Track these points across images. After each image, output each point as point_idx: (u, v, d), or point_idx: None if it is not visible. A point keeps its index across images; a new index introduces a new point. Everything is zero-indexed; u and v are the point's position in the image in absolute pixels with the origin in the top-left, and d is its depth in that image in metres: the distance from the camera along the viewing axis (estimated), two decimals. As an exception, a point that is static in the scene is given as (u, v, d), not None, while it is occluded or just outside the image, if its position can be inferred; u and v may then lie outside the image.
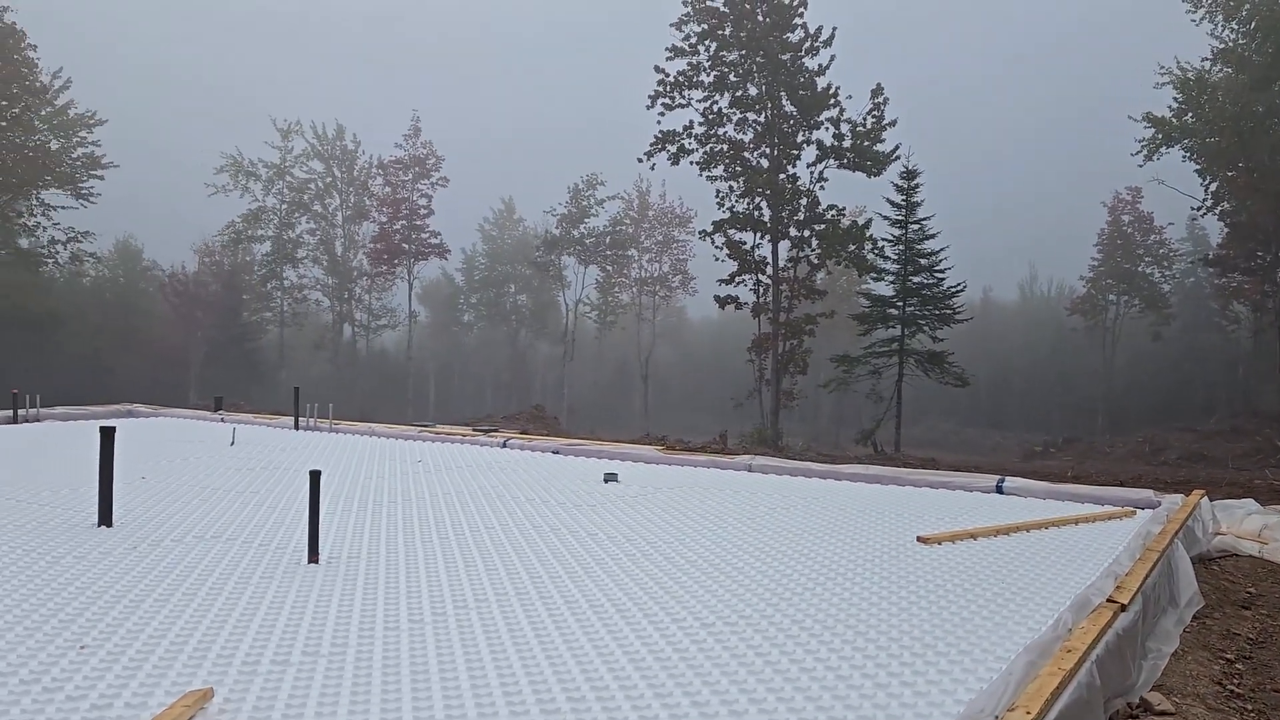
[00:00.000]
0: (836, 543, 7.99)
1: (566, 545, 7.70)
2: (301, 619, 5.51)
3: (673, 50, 35.28)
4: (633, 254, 66.27)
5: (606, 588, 6.36)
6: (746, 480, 11.71)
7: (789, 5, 34.43)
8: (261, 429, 17.00)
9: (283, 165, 60.69)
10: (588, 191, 60.87)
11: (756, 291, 35.19)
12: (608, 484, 10.99)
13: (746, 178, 34.79)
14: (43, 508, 8.72)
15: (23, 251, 47.47)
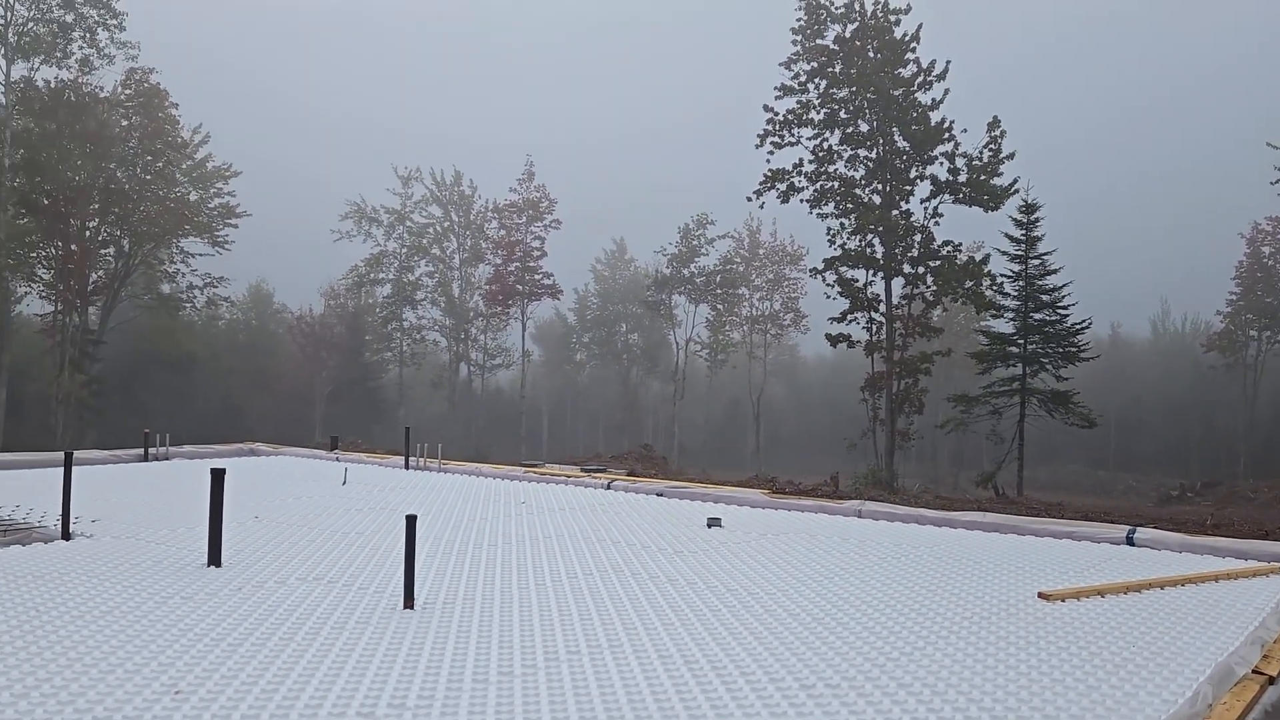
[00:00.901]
0: (949, 596, 7.55)
1: (664, 594, 7.49)
2: (391, 668, 5.45)
3: (782, 89, 35.11)
4: (743, 292, 65.95)
5: (702, 641, 6.12)
6: (855, 526, 11.28)
7: (901, 40, 33.89)
8: (373, 468, 17.34)
9: (403, 211, 62.78)
10: (698, 231, 60.96)
11: (869, 329, 34.41)
12: (711, 529, 10.73)
13: (858, 214, 34.19)
14: (160, 546, 8.99)
15: (164, 297, 50.19)
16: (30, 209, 42.98)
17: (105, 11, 42.59)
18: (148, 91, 44.98)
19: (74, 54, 42.69)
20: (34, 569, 7.88)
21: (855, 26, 34.30)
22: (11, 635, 5.91)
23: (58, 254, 44.35)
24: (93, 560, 8.26)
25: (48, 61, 42.43)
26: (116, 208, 45.28)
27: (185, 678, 5.20)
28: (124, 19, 43.18)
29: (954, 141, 33.06)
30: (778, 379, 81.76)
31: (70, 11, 42.04)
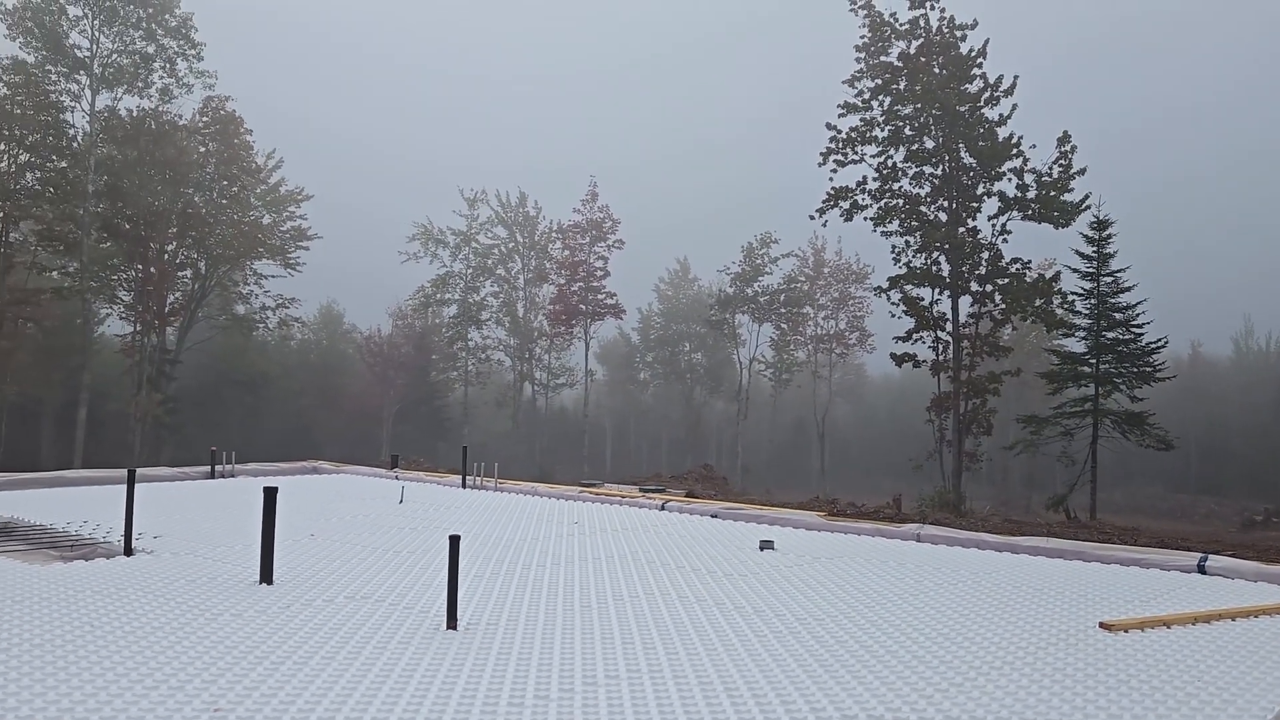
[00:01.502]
0: (1006, 625, 7.30)
1: (710, 618, 7.37)
2: (428, 689, 5.43)
3: (845, 106, 34.84)
4: (808, 311, 65.47)
5: (745, 668, 6.00)
6: (913, 551, 11.01)
7: (967, 56, 33.42)
8: (431, 487, 17.49)
9: (469, 232, 63.72)
10: (761, 250, 60.74)
11: (935, 349, 33.83)
12: (763, 552, 10.57)
13: (924, 232, 33.70)
14: (216, 563, 9.15)
15: (238, 318, 51.60)
16: (112, 233, 44.56)
17: (184, 42, 44.12)
18: (224, 119, 46.44)
19: (155, 84, 44.33)
20: (95, 583, 8.07)
21: (920, 43, 33.93)
22: (67, 648, 6.04)
23: (138, 276, 45.86)
24: (151, 576, 8.43)
25: (130, 91, 44.08)
26: (194, 231, 46.71)
27: (226, 695, 5.24)
28: (201, 49, 44.67)
29: (1023, 157, 32.45)
30: (843, 399, 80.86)
31: (151, 43, 43.62)
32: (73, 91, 43.01)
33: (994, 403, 32.88)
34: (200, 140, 46.78)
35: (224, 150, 46.93)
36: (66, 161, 42.72)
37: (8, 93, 40.36)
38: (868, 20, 34.43)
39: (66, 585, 7.98)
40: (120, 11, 42.80)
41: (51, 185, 42.53)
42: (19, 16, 41.28)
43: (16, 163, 41.79)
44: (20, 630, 6.48)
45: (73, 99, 43.04)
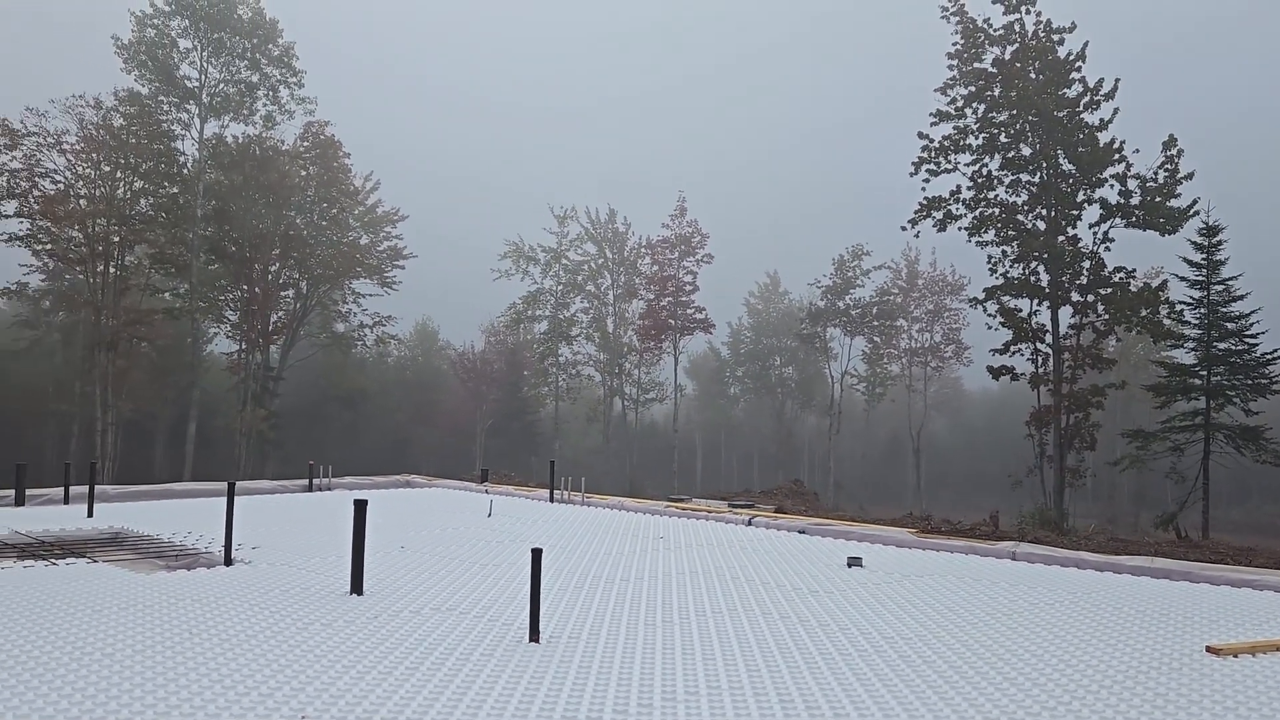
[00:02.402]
0: (1104, 648, 6.99)
1: (794, 635, 7.25)
2: (509, 701, 5.45)
3: (937, 115, 34.20)
4: (901, 324, 64.38)
5: (828, 687, 5.87)
6: (1008, 570, 10.66)
7: (1065, 60, 32.48)
8: (519, 501, 17.67)
9: (559, 249, 64.48)
10: (853, 262, 60.03)
11: (1035, 361, 32.84)
12: (851, 569, 10.37)
13: (1021, 242, 32.79)
14: (310, 574, 9.39)
15: (337, 335, 53.19)
16: (219, 255, 46.45)
17: (286, 70, 45.82)
18: (323, 143, 48.03)
19: (259, 111, 46.11)
20: (195, 592, 8.36)
21: (1015, 48, 33.13)
22: (165, 655, 6.26)
23: (243, 296, 47.68)
24: (247, 586, 8.70)
25: (236, 119, 45.98)
26: (295, 252, 48.38)
27: (313, 703, 5.35)
28: (302, 77, 46.33)
29: (1125, 162, 31.35)
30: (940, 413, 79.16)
31: (256, 72, 45.43)
32: (183, 120, 45.08)
33: (1098, 417, 31.75)
34: (301, 164, 48.47)
35: (324, 173, 48.55)
36: (177, 187, 44.73)
37: (124, 123, 42.46)
38: (960, 27, 33.79)
39: (169, 594, 8.28)
40: (227, 43, 44.72)
41: (163, 210, 44.59)
42: (134, 50, 43.45)
43: (131, 189, 43.95)
44: (125, 636, 6.75)
45: (183, 128, 45.12)
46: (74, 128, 42.24)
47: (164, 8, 44.05)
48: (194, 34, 44.51)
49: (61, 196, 42.25)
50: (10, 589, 8.29)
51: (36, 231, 42.63)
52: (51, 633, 6.78)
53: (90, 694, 5.38)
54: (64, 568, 9.49)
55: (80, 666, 5.94)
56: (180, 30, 44.40)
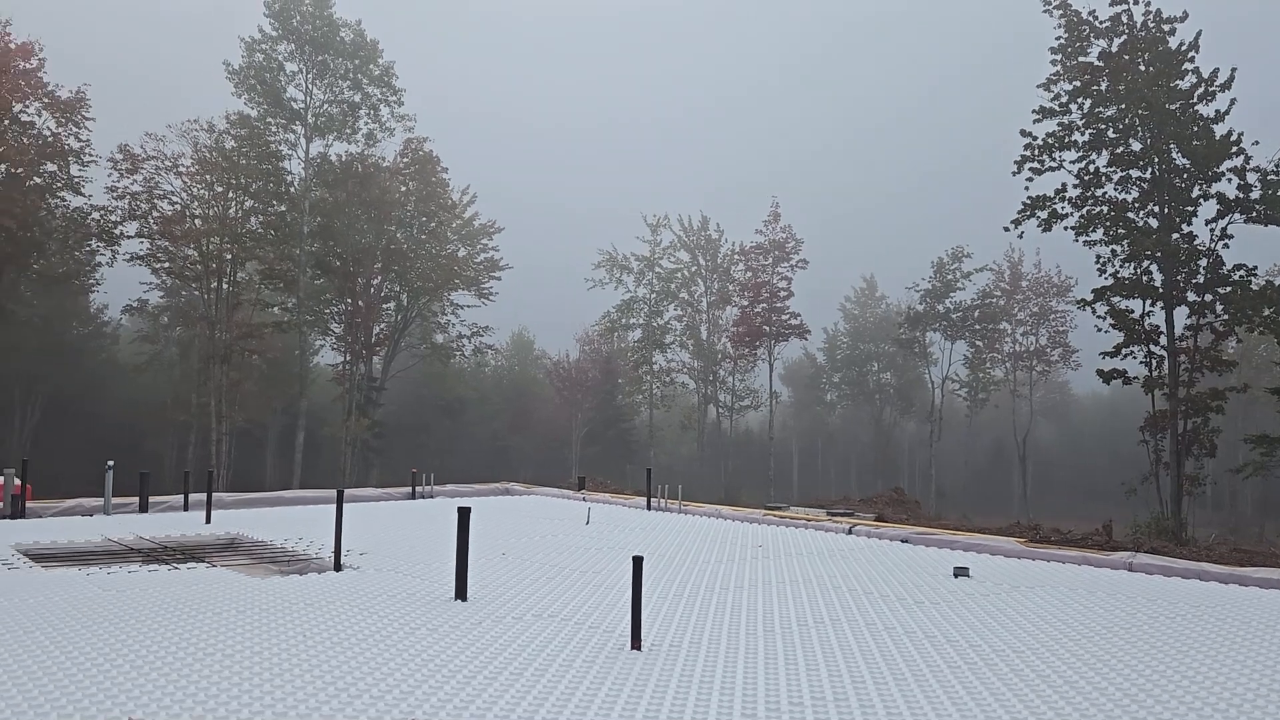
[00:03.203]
0: (1228, 664, 6.65)
1: (900, 648, 7.09)
2: (612, 709, 5.46)
3: (1041, 111, 33.19)
4: (1005, 327, 62.64)
5: (937, 700, 5.72)
6: (1124, 581, 10.24)
7: (1177, 51, 31.17)
8: (616, 508, 17.75)
9: (652, 257, 64.69)
10: (953, 264, 58.74)
11: (1148, 364, 31.53)
12: (957, 579, 10.10)
13: (1131, 240, 31.55)
14: (415, 579, 9.59)
15: (437, 346, 54.42)
16: (325, 270, 47.99)
17: (386, 89, 47.14)
18: (422, 159, 49.25)
19: (360, 129, 47.53)
20: (307, 597, 8.62)
21: (1123, 40, 31.94)
22: (280, 657, 6.46)
23: (347, 310, 49.16)
24: (356, 591, 8.92)
25: (339, 138, 47.48)
26: (396, 266, 49.69)
27: (421, 706, 5.45)
28: (402, 95, 47.59)
29: (1244, 155, 29.90)
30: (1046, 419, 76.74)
31: (358, 92, 46.86)
32: (289, 141, 46.76)
33: (1218, 421, 30.28)
34: (401, 180, 49.78)
35: (423, 188, 49.79)
36: (285, 206, 46.40)
37: (235, 145, 44.27)
38: (1064, 20, 32.75)
39: (283, 598, 8.55)
40: (330, 65, 46.24)
41: (272, 228, 46.31)
42: (244, 75, 45.27)
43: (242, 208, 45.78)
44: (243, 638, 7.00)
45: (289, 148, 46.81)
46: (189, 150, 44.26)
47: (271, 33, 45.82)
48: (299, 57, 46.15)
49: (178, 217, 44.25)
50: (136, 592, 8.68)
51: (156, 251, 44.74)
52: (177, 635, 7.07)
53: (213, 694, 5.59)
54: (185, 572, 9.90)
55: (203, 667, 6.17)
56: (286, 54, 46.10)
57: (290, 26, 45.72)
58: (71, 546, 11.79)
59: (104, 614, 7.70)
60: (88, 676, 5.89)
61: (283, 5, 45.41)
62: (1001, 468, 70.82)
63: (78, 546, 11.82)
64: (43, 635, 6.94)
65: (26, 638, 6.86)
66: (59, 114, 40.90)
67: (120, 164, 43.05)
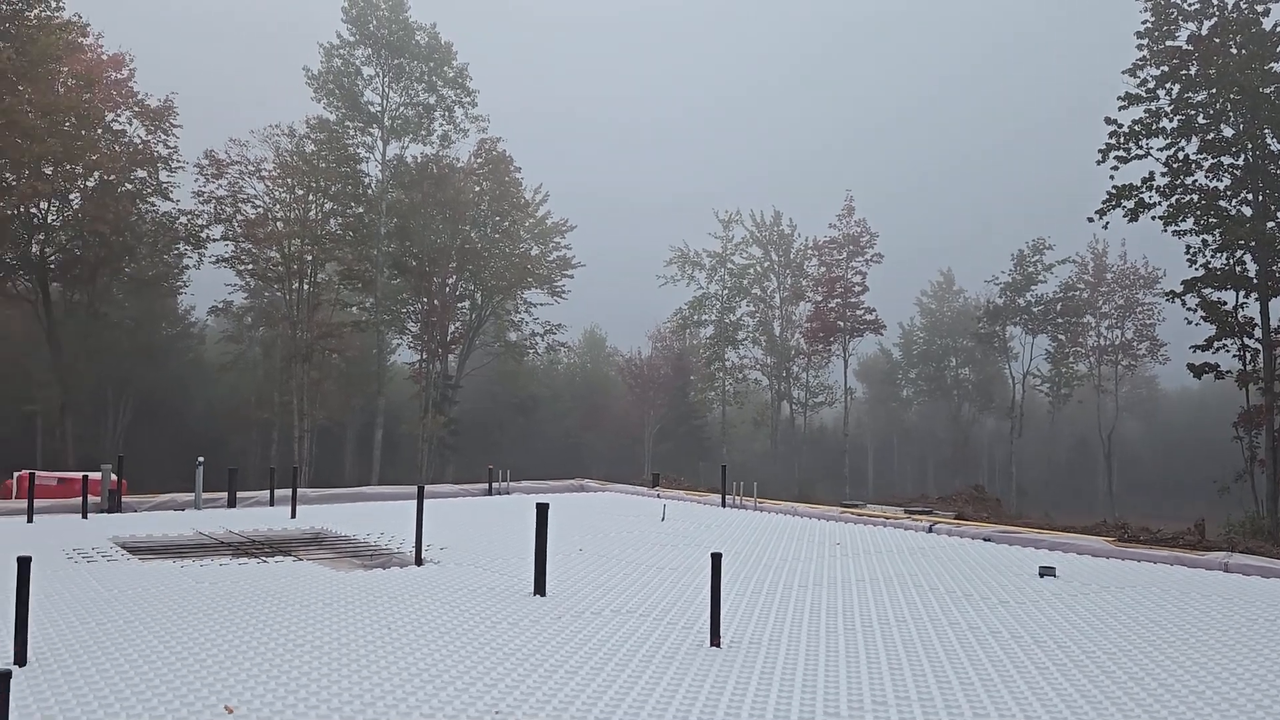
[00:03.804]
0: (1341, 671, 6.36)
1: (985, 648, 6.95)
2: (693, 704, 5.45)
3: (1126, 98, 32.28)
4: (1088, 320, 60.98)
5: (1025, 702, 5.59)
6: (1220, 582, 9.87)
7: (1272, 32, 29.99)
8: (690, 505, 17.72)
9: (724, 253, 64.45)
10: (1034, 257, 57.36)
11: (1242, 358, 30.46)
12: (1043, 579, 9.86)
13: (1224, 229, 30.49)
14: (494, 574, 9.70)
15: (510, 344, 55.02)
16: (401, 270, 48.89)
17: (460, 91, 47.79)
18: (495, 159, 49.83)
19: (435, 131, 48.27)
20: (391, 590, 8.78)
21: (1213, 22, 30.88)
22: (367, 648, 6.60)
23: (423, 309, 50.01)
24: (437, 585, 9.07)
25: (415, 140, 48.29)
26: (471, 265, 50.38)
27: (505, 699, 5.51)
28: (476, 96, 48.21)
29: (1344, 138, 28.70)
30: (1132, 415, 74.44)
31: (433, 94, 47.60)
32: (367, 144, 47.72)
33: (1316, 417, 29.09)
34: (475, 180, 50.42)
35: (496, 188, 50.37)
36: (363, 207, 47.37)
37: (315, 149, 45.34)
38: (1150, 4, 31.78)
39: (367, 591, 8.73)
40: (406, 68, 47.04)
41: (351, 229, 47.34)
42: (323, 80, 46.32)
43: (322, 211, 46.90)
44: (331, 630, 7.17)
45: (367, 150, 47.76)
46: (271, 155, 45.50)
47: (349, 38, 46.79)
48: (376, 61, 47.05)
49: (261, 219, 45.54)
50: (228, 584, 8.94)
51: (240, 253, 46.09)
52: (268, 626, 7.27)
53: (304, 684, 5.73)
54: (273, 565, 10.17)
55: (295, 658, 6.33)
56: (364, 58, 47.04)
57: (367, 31, 46.63)
58: (166, 540, 12.20)
59: (199, 606, 7.95)
60: (186, 666, 6.09)
61: (360, 10, 46.34)
62: (1085, 465, 68.96)
63: (171, 540, 12.22)
64: (142, 626, 7.20)
65: (127, 628, 7.12)
66: (148, 122, 42.35)
67: (206, 169, 44.48)
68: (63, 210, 41.44)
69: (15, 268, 40.58)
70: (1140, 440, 76.58)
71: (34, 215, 40.29)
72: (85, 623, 7.26)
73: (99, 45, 41.59)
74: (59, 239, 42.34)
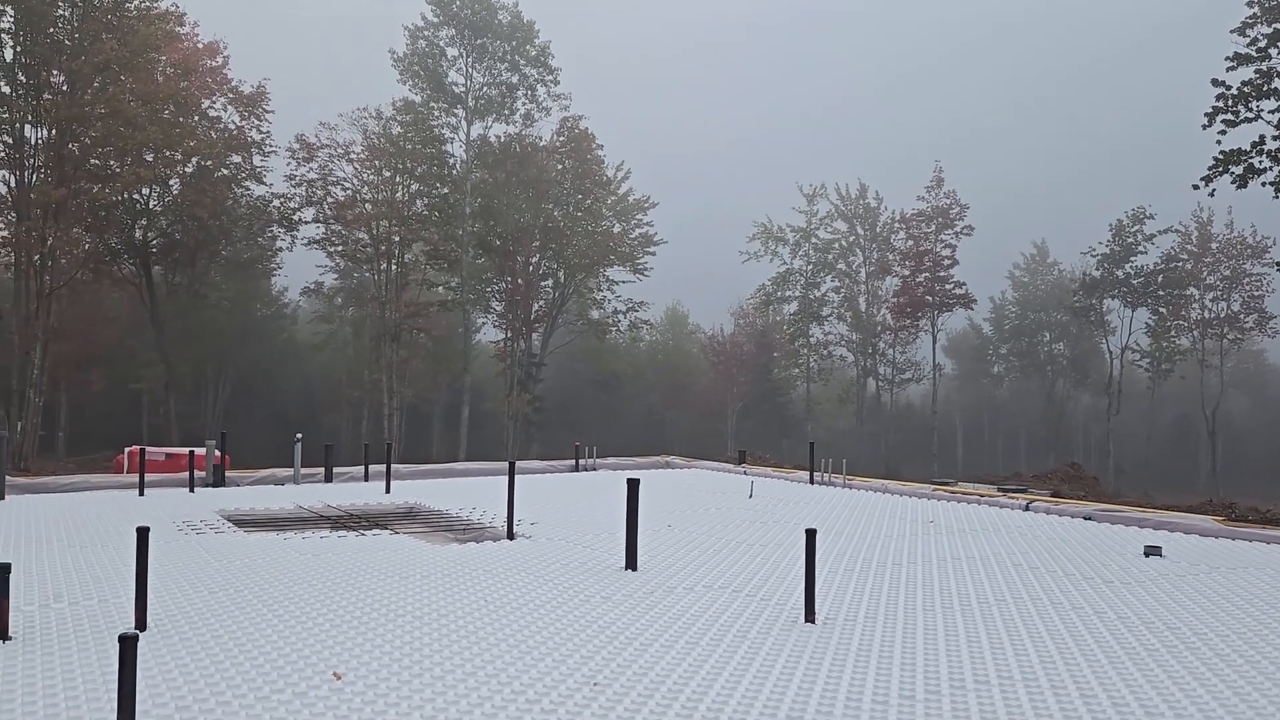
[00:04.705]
0: None
1: (1089, 626, 6.75)
2: (790, 681, 5.42)
3: (1235, 58, 30.71)
4: (1192, 293, 58.48)
5: (1134, 683, 5.41)
6: (1341, 564, 9.42)
7: (1392, -18, 28.24)
8: (779, 482, 17.61)
9: (808, 228, 63.55)
10: (1133, 227, 55.14)
11: (1358, 330, 28.94)
12: (1148, 559, 9.54)
13: (1341, 194, 28.93)
14: (585, 549, 9.79)
15: (593, 322, 55.20)
16: (486, 249, 49.43)
17: (543, 69, 47.93)
18: (577, 137, 49.88)
19: (518, 110, 48.51)
20: (484, 563, 8.93)
21: (1328, -26, 29.16)
22: (466, 619, 6.72)
23: (507, 287, 50.51)
24: (529, 559, 9.19)
25: (498, 119, 48.63)
26: (554, 244, 50.63)
27: (602, 671, 5.56)
28: (558, 74, 48.29)
29: None
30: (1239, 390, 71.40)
31: (515, 73, 47.85)
32: (451, 124, 48.20)
33: None
34: (558, 159, 50.58)
35: (578, 166, 50.42)
36: (448, 188, 47.96)
37: (401, 131, 46.04)
38: (1258, -43, 30.16)
39: (461, 564, 8.89)
40: (489, 48, 47.35)
41: (436, 210, 47.99)
42: (408, 62, 46.93)
43: (408, 192, 47.64)
44: (429, 601, 7.32)
45: (451, 131, 48.26)
46: (359, 138, 46.34)
47: (433, 19, 47.25)
48: (459, 42, 47.44)
49: (350, 201, 46.47)
50: (329, 556, 9.20)
51: (330, 235, 47.17)
52: (369, 596, 7.46)
53: (407, 652, 5.86)
54: (370, 538, 10.43)
55: (396, 627, 6.49)
56: (447, 39, 47.46)
57: (450, 12, 47.02)
58: (268, 513, 12.61)
59: (302, 576, 8.20)
60: (294, 634, 6.28)
61: (444, -9, 46.77)
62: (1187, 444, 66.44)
63: (273, 513, 12.63)
64: (251, 595, 7.45)
65: (238, 596, 7.38)
66: (242, 108, 43.51)
67: (297, 153, 45.53)
68: (163, 196, 42.92)
69: (120, 252, 42.22)
70: (1246, 417, 73.38)
71: (136, 201, 41.83)
72: (198, 590, 7.55)
73: (195, 34, 42.81)
74: (160, 224, 43.90)
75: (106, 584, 7.77)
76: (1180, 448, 66.28)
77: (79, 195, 33.53)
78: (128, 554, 8.68)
